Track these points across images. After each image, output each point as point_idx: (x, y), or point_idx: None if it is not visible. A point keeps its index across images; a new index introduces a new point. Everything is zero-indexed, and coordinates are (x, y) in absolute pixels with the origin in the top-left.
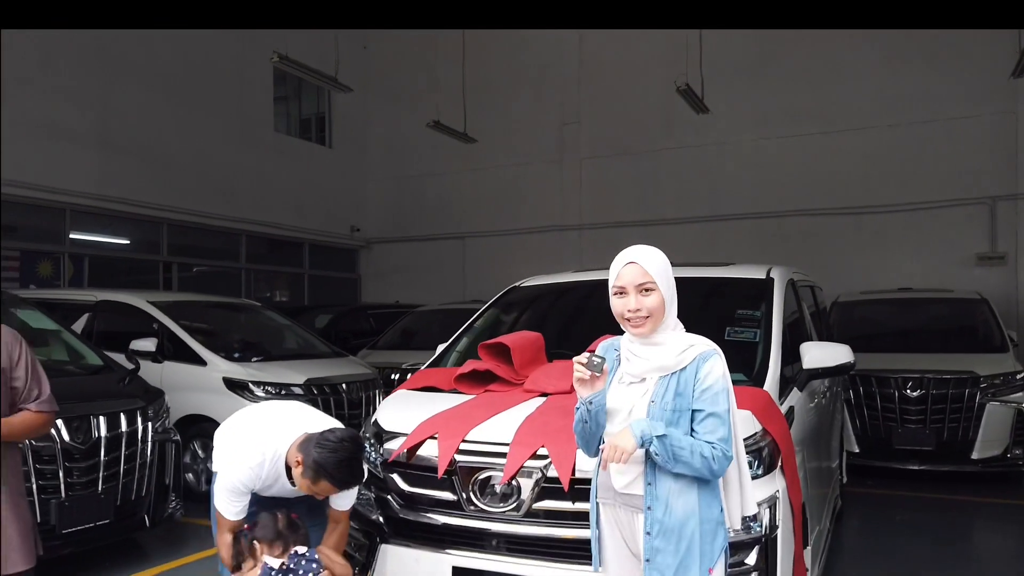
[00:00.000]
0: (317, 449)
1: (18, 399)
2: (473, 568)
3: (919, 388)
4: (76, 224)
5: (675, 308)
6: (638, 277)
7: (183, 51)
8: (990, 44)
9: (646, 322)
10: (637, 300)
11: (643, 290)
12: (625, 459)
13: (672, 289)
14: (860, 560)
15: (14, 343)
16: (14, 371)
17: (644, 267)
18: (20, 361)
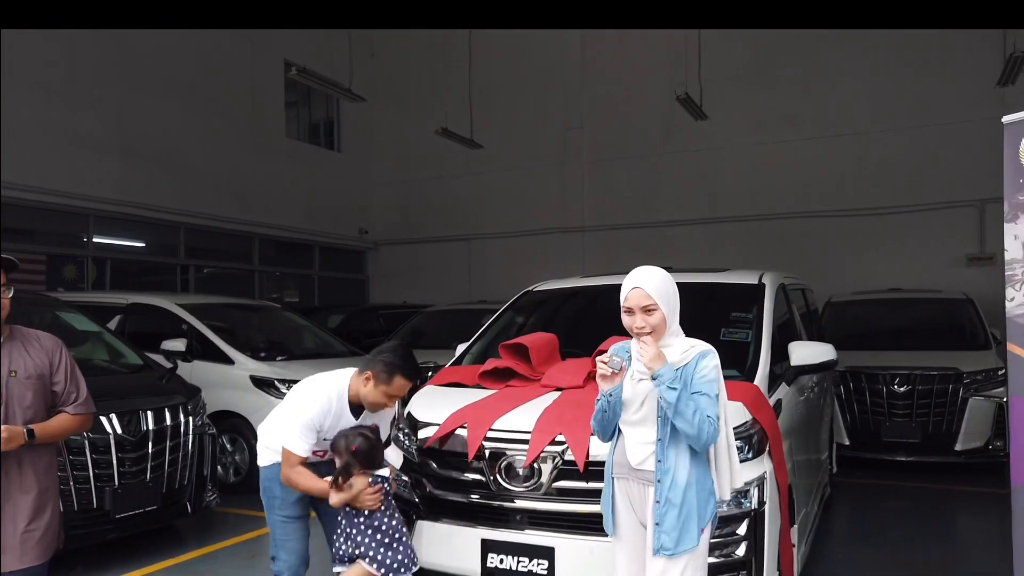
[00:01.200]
0: (381, 357)
1: (57, 401)
2: (499, 540)
3: (906, 384)
4: (99, 228)
5: (676, 318)
6: (642, 300)
7: (198, 60)
8: (978, 52)
9: (649, 336)
10: (642, 319)
11: (646, 310)
12: (650, 354)
13: (672, 305)
14: (847, 542)
15: (55, 348)
16: (54, 375)
17: (647, 291)
18: (60, 366)
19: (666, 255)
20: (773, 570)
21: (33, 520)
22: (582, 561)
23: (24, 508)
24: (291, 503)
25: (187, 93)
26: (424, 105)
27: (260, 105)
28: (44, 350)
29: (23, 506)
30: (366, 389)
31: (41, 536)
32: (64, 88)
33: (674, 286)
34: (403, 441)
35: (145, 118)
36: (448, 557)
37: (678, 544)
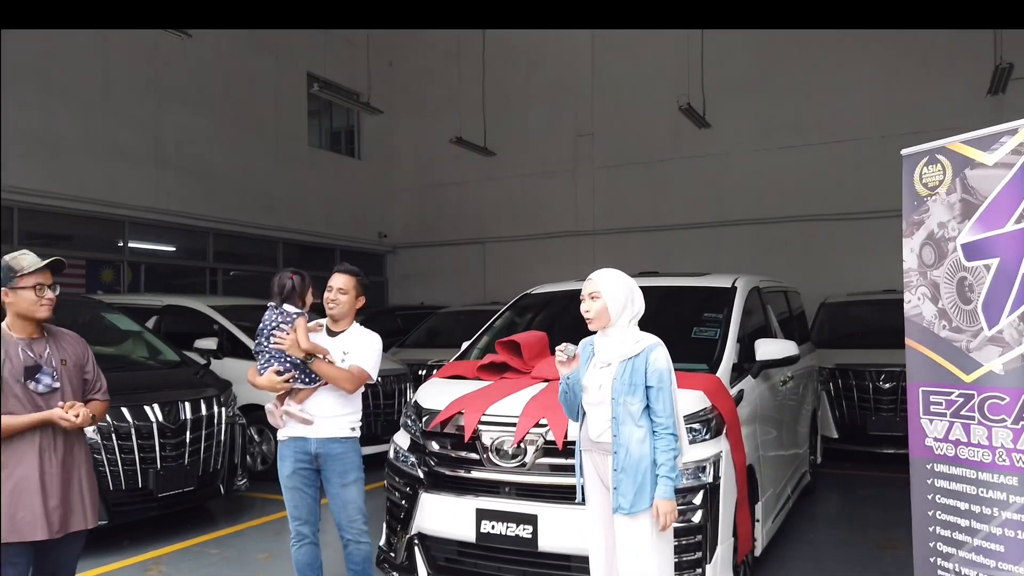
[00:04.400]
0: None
1: (87, 389)
2: (491, 509)
3: (891, 380)
4: (133, 234)
5: (627, 312)
6: (588, 288)
7: (226, 74)
8: (971, 62)
9: (593, 321)
10: (588, 304)
11: (591, 297)
12: (673, 517)
13: (617, 298)
14: (821, 522)
15: (82, 343)
16: (85, 367)
17: (594, 282)
18: (89, 358)
19: (674, 258)
20: (728, 536)
21: (91, 488)
22: (560, 525)
23: (86, 476)
24: (285, 476)
25: (216, 105)
26: (440, 114)
27: (284, 116)
28: (77, 344)
29: (86, 472)
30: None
31: (93, 501)
32: (102, 102)
33: (624, 285)
34: (410, 425)
35: (177, 130)
36: (448, 524)
37: (633, 505)
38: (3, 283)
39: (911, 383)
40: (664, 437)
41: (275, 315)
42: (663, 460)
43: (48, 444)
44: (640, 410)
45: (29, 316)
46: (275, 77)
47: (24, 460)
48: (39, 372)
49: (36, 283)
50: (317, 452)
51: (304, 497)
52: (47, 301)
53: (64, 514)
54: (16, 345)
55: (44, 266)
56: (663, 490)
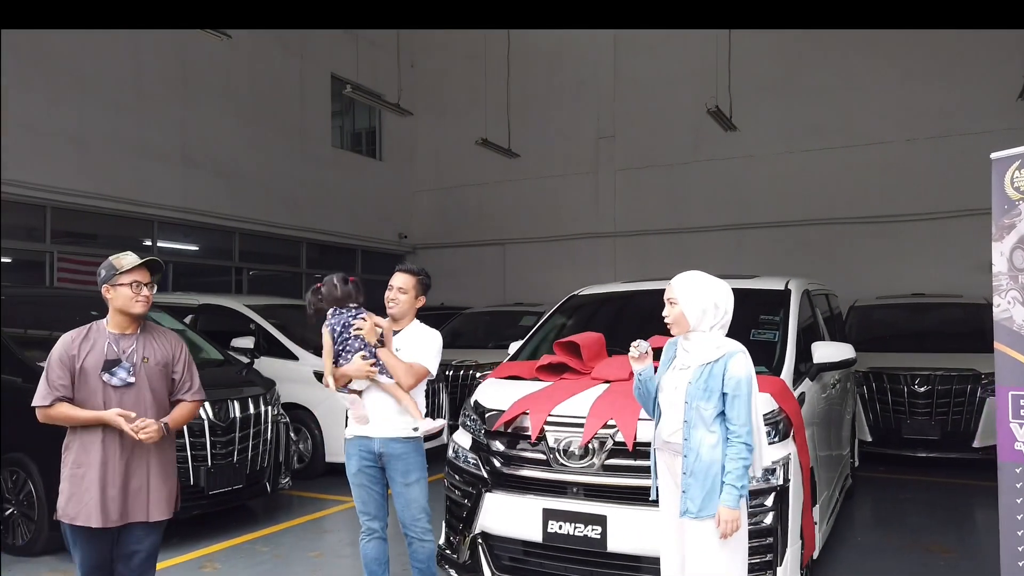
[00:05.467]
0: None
1: (175, 388)
2: (558, 509)
3: (926, 384)
4: (162, 233)
5: (708, 318)
6: (668, 294)
7: (251, 75)
8: (999, 66)
9: (672, 326)
10: (667, 309)
11: (669, 303)
12: (734, 527)
13: (696, 304)
14: (866, 527)
15: (176, 343)
16: (175, 365)
17: (672, 288)
18: (180, 357)
19: (695, 260)
20: (796, 538)
21: (162, 479)
22: (631, 526)
23: (157, 469)
24: (352, 472)
25: (242, 106)
26: (462, 115)
27: (308, 116)
28: (168, 343)
29: (156, 468)
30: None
31: (168, 496)
32: (133, 103)
33: (705, 291)
34: (470, 425)
35: (204, 130)
36: (513, 524)
37: (700, 510)
38: (106, 280)
39: (1000, 387)
40: (736, 445)
41: (346, 312)
42: (731, 468)
43: (112, 438)
44: (713, 416)
45: (126, 311)
46: (299, 78)
47: (88, 450)
48: (117, 366)
49: (133, 280)
50: (380, 451)
51: (371, 493)
52: (142, 298)
53: (123, 506)
54: (106, 338)
55: (141, 264)
56: (727, 498)
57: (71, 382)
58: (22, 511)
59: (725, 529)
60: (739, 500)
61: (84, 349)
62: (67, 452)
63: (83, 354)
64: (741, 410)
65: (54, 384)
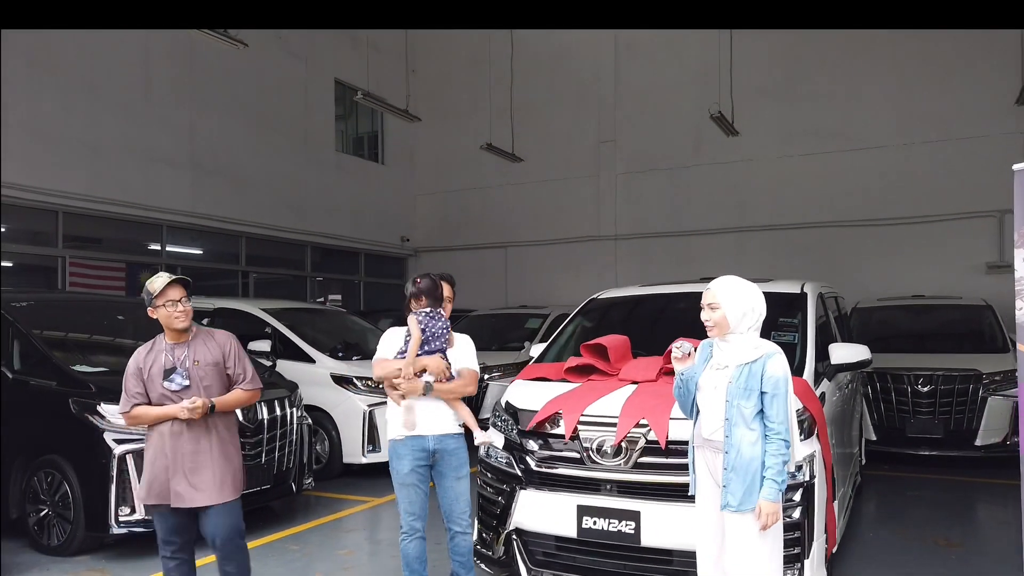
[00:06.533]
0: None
1: (233, 381)
2: (593, 505)
3: (929, 384)
4: (171, 238)
5: (747, 320)
6: (708, 299)
7: (257, 81)
8: (997, 71)
9: (713, 329)
10: (707, 314)
11: (711, 307)
12: (775, 519)
13: (737, 307)
14: (877, 521)
15: (227, 342)
16: (227, 362)
17: (713, 292)
18: (231, 355)
19: (695, 263)
20: (821, 532)
21: (225, 466)
22: (664, 521)
23: (220, 457)
24: (403, 473)
25: (247, 110)
26: (463, 119)
27: (312, 121)
28: (218, 344)
29: (219, 456)
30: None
31: (232, 479)
32: (142, 108)
33: (744, 294)
34: (500, 425)
35: (212, 135)
36: (547, 521)
37: (741, 504)
38: (148, 305)
39: (1023, 385)
40: (775, 442)
41: (438, 322)
42: (772, 463)
43: (179, 432)
44: (753, 414)
45: (170, 327)
46: (303, 82)
47: (159, 443)
48: (173, 373)
49: (167, 300)
50: (434, 448)
51: (419, 493)
52: (180, 313)
53: (190, 490)
54: (163, 351)
55: (167, 284)
56: (768, 492)
57: (144, 389)
58: (57, 512)
59: (766, 521)
60: (779, 494)
61: (149, 361)
62: (147, 446)
63: (148, 365)
64: (779, 408)
65: (131, 393)
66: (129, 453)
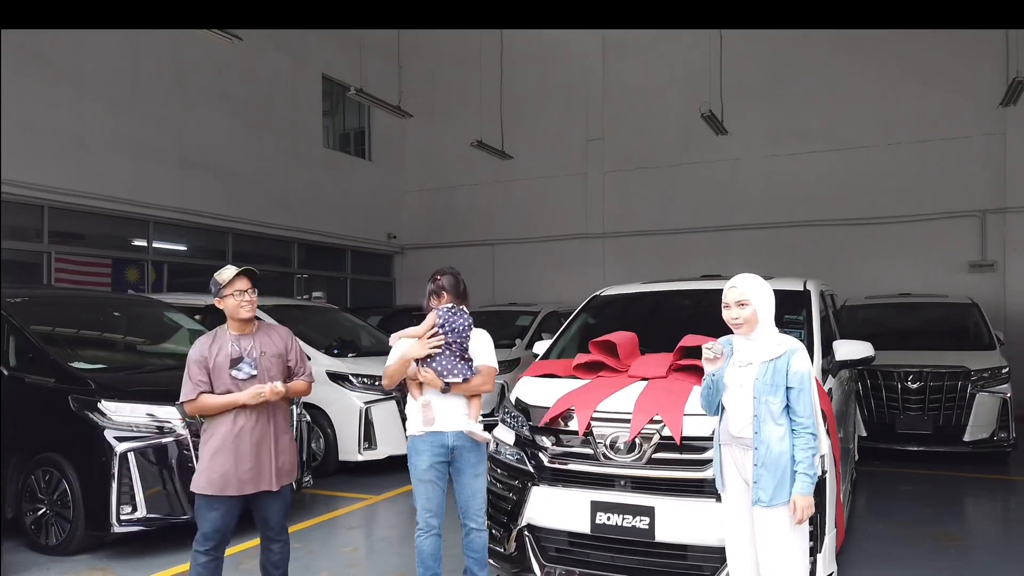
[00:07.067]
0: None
1: (292, 372)
2: (607, 501)
3: (919, 380)
4: (158, 234)
5: (770, 316)
6: (737, 297)
7: (245, 76)
8: (979, 73)
9: (742, 327)
10: (736, 311)
11: (740, 305)
12: (810, 511)
13: (764, 303)
14: (872, 516)
15: (288, 336)
16: (288, 355)
17: (741, 289)
18: (292, 348)
19: (682, 261)
20: (832, 526)
21: (283, 453)
22: (678, 516)
23: (279, 445)
24: (421, 469)
25: (235, 106)
26: (451, 116)
27: (300, 117)
28: (280, 337)
29: (278, 443)
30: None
31: (292, 462)
32: (130, 103)
33: (768, 289)
34: (510, 422)
35: (199, 130)
36: (561, 517)
37: (772, 499)
38: (215, 295)
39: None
40: (804, 436)
41: (463, 319)
42: (802, 457)
43: (243, 419)
44: (780, 409)
45: (236, 317)
46: (291, 78)
47: (221, 431)
48: (241, 362)
49: (235, 290)
50: (454, 445)
51: (437, 490)
52: (246, 303)
53: (256, 476)
54: (228, 340)
55: (236, 275)
56: (801, 486)
57: (208, 378)
58: (56, 511)
59: (802, 515)
60: (812, 487)
61: (214, 351)
62: (206, 434)
63: (213, 355)
64: (805, 402)
65: (196, 381)
66: (131, 451)
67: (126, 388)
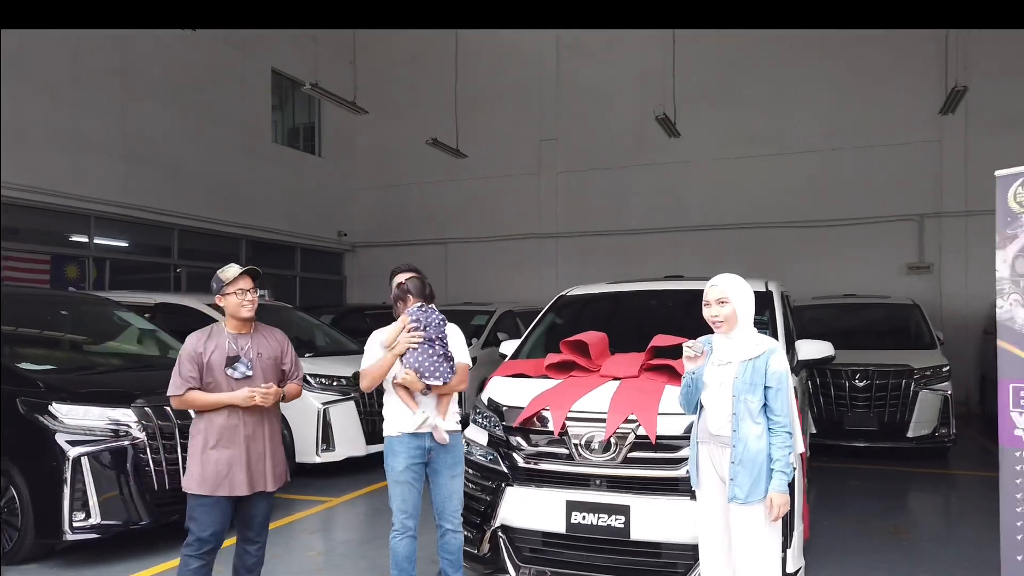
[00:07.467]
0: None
1: (286, 376)
2: (582, 500)
3: (865, 379)
4: (99, 230)
5: (750, 317)
6: (717, 295)
7: (192, 67)
8: (919, 82)
9: (721, 324)
10: (717, 309)
11: (720, 303)
12: (786, 508)
13: (744, 302)
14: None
15: (284, 340)
16: (284, 358)
17: (721, 288)
18: (288, 352)
19: (634, 262)
20: (799, 522)
21: (277, 453)
22: (653, 515)
23: (273, 444)
24: (398, 471)
25: (182, 99)
26: (403, 113)
27: (248, 111)
28: (277, 340)
29: (272, 443)
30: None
31: (283, 464)
32: (70, 92)
33: (748, 288)
34: (481, 422)
35: (144, 122)
36: (535, 517)
37: (748, 496)
38: (217, 292)
39: (1002, 380)
40: (780, 434)
41: (436, 316)
42: (779, 456)
43: (237, 419)
44: (758, 408)
45: (236, 315)
46: (240, 72)
47: (214, 431)
48: (237, 362)
49: (238, 288)
50: (431, 446)
51: (413, 491)
52: (247, 302)
53: (249, 478)
54: (226, 338)
55: (240, 274)
56: (778, 483)
57: (199, 375)
58: (2, 518)
59: (778, 512)
60: (787, 485)
61: (209, 347)
62: (196, 434)
63: (208, 351)
64: (783, 402)
65: (186, 376)
66: (85, 455)
67: (78, 390)
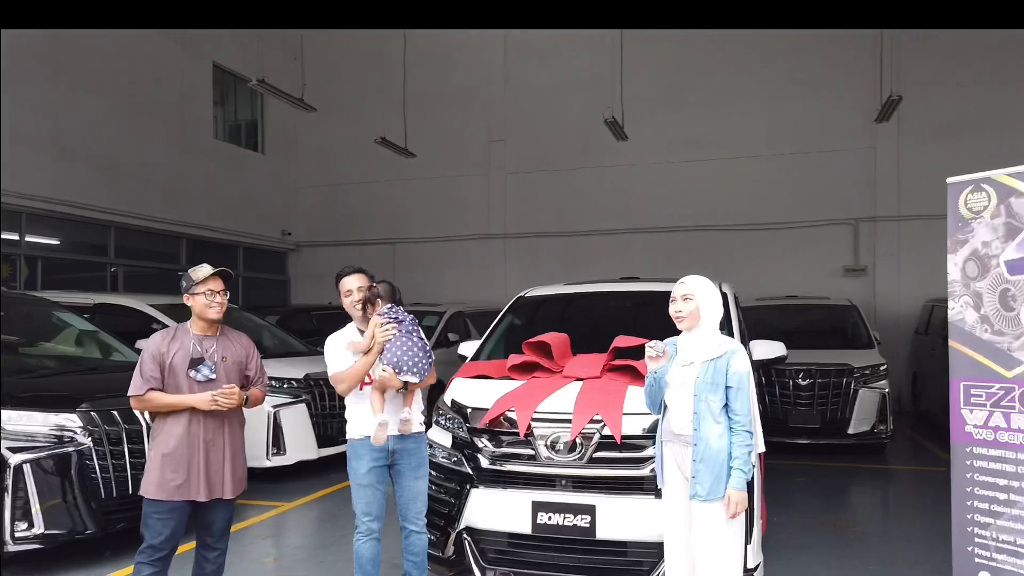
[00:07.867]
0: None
1: (250, 382)
2: (548, 501)
3: (808, 378)
4: (32, 227)
5: (715, 319)
6: (681, 291)
7: (130, 61)
8: (856, 90)
9: (684, 320)
10: (681, 304)
11: (684, 299)
12: (744, 506)
13: (708, 301)
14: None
15: (249, 345)
16: (249, 364)
17: (686, 285)
18: (253, 357)
19: (582, 263)
20: (759, 517)
21: (237, 459)
22: (618, 514)
23: (233, 450)
24: (361, 473)
25: (120, 93)
26: (350, 111)
27: (189, 106)
28: (243, 345)
29: (232, 448)
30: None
31: (244, 470)
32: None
33: (714, 290)
34: (445, 423)
35: (80, 117)
36: (501, 518)
37: (709, 493)
38: (185, 290)
39: (953, 378)
40: (741, 433)
41: (406, 315)
42: (738, 454)
43: (197, 424)
44: (720, 408)
45: (203, 316)
46: (180, 66)
47: (175, 434)
48: (201, 364)
49: (207, 289)
50: (394, 448)
51: (377, 494)
52: (216, 304)
53: (208, 483)
54: (191, 339)
55: (212, 274)
56: (736, 481)
57: (161, 375)
58: None
59: (736, 509)
60: (745, 483)
61: (172, 348)
62: (155, 436)
63: (172, 352)
64: (743, 401)
65: (147, 376)
66: (27, 463)
67: (19, 394)
